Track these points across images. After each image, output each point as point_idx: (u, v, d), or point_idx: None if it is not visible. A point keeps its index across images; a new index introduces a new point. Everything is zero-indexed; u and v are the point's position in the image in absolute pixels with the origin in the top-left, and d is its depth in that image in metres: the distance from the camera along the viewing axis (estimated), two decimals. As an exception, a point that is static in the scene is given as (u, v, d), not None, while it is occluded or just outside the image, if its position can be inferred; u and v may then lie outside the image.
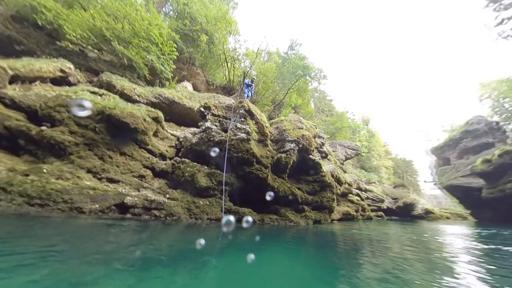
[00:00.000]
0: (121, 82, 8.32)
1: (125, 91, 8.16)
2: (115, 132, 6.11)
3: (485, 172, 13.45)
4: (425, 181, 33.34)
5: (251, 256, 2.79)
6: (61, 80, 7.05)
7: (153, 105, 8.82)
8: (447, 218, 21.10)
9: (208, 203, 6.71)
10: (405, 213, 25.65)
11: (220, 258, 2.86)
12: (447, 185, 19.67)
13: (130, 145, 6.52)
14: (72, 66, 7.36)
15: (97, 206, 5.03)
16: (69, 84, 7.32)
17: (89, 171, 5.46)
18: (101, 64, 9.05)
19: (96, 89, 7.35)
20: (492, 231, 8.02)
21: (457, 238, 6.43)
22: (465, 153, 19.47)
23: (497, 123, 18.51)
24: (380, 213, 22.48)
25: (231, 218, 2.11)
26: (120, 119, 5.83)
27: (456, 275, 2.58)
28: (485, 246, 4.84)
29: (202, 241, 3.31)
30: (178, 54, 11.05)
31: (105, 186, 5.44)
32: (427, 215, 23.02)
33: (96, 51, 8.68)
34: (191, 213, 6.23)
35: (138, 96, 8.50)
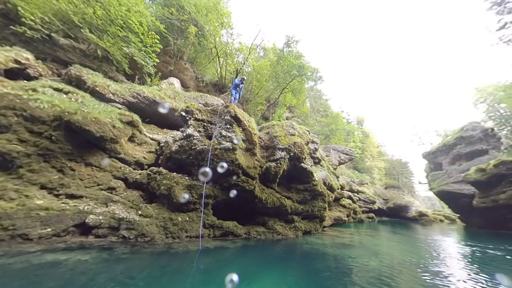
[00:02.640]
0: (93, 77, 7.34)
1: (98, 89, 7.22)
2: (78, 140, 5.28)
3: (478, 181, 13.35)
4: (419, 182, 33.82)
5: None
6: (18, 73, 6.03)
7: (130, 105, 7.94)
8: (440, 220, 21.53)
9: (188, 218, 6.07)
10: (395, 214, 26.03)
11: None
12: (438, 190, 19.76)
13: (98, 154, 5.72)
14: (30, 57, 6.30)
15: (49, 230, 4.30)
16: (29, 77, 6.30)
17: (43, 187, 4.68)
18: (72, 54, 7.95)
19: (61, 85, 6.38)
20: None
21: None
22: (458, 159, 19.47)
23: (492, 129, 18.43)
24: (371, 214, 22.66)
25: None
26: (82, 127, 5.00)
27: None
28: None
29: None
30: (162, 47, 9.98)
31: (62, 204, 4.69)
32: (421, 217, 23.37)
33: (64, 38, 7.58)
34: (167, 231, 5.59)
35: (113, 94, 7.57)
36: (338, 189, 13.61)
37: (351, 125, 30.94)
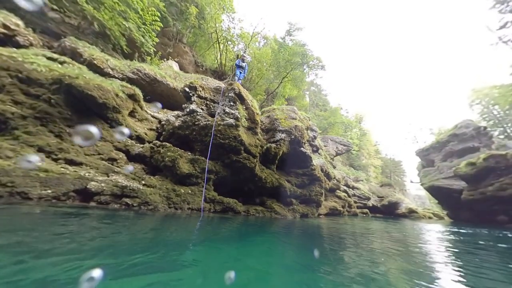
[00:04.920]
0: (90, 50, 7.09)
1: (95, 62, 6.98)
2: (78, 106, 5.14)
3: (468, 174, 13.84)
4: (411, 181, 34.76)
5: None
6: (5, 40, 5.73)
7: (130, 81, 7.73)
8: (429, 217, 22.26)
9: (190, 191, 6.07)
10: (389, 211, 26.68)
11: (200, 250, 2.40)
12: (428, 186, 20.35)
13: (99, 123, 5.59)
14: (21, 23, 5.96)
15: (49, 191, 4.20)
16: (18, 45, 5.97)
17: (40, 149, 4.54)
18: (64, 27, 7.61)
19: (56, 55, 6.14)
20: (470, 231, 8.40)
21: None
22: (450, 156, 20.06)
23: (485, 128, 19.02)
24: (366, 210, 23.12)
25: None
26: (84, 91, 4.86)
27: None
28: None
29: None
30: (162, 26, 9.72)
31: (62, 169, 4.58)
32: (411, 214, 24.08)
33: (57, 11, 7.22)
34: (170, 202, 5.58)
35: (112, 69, 7.35)
36: (334, 178, 13.85)
37: (349, 120, 31.30)
